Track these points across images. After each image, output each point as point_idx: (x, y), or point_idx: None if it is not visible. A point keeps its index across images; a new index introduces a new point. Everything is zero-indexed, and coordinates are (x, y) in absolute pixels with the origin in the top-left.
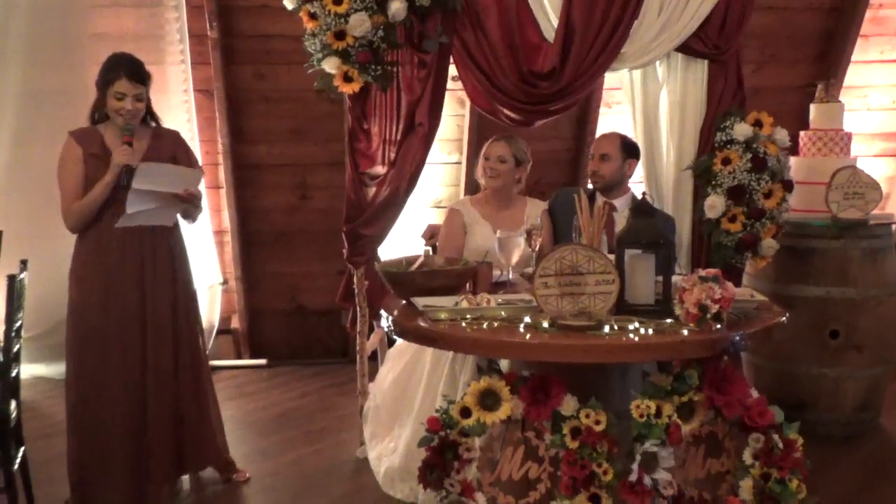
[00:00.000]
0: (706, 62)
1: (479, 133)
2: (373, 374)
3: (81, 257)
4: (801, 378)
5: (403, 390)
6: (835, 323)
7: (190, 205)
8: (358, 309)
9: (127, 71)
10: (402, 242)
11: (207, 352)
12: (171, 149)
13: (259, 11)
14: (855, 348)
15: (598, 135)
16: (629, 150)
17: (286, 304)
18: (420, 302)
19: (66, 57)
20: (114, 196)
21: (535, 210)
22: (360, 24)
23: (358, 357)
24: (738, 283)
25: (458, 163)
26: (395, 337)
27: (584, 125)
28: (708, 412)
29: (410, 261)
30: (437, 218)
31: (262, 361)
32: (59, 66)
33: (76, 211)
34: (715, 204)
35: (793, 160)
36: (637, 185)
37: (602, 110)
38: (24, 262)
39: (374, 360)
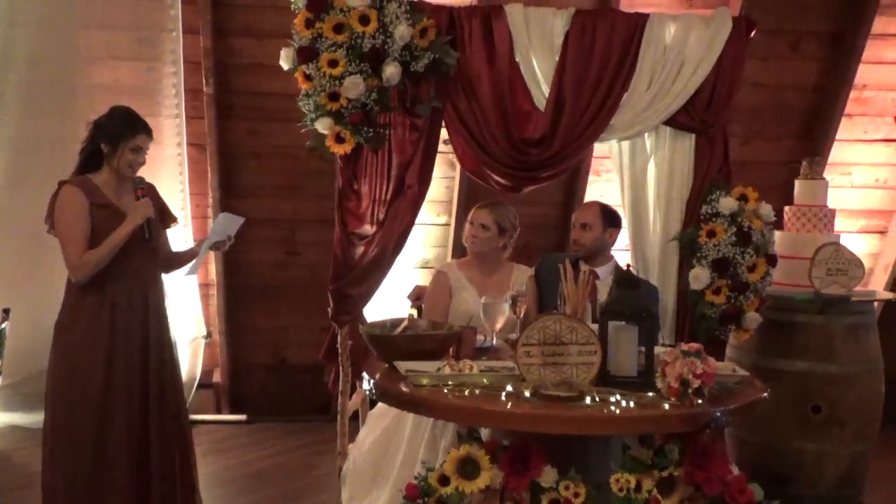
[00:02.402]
0: (693, 136)
1: (469, 196)
2: (354, 434)
3: (88, 310)
4: (784, 452)
5: (383, 453)
6: (817, 398)
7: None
8: (341, 368)
9: (145, 126)
10: (388, 302)
11: (188, 405)
12: (158, 200)
13: (255, 69)
14: (837, 424)
15: (585, 201)
16: (610, 219)
17: (269, 358)
18: (403, 366)
19: (63, 107)
20: (124, 246)
21: (521, 276)
22: (354, 87)
23: (339, 417)
24: (721, 355)
25: (447, 224)
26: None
27: (573, 191)
28: (688, 488)
29: (395, 323)
30: (424, 279)
31: (242, 417)
32: (55, 115)
33: (92, 262)
34: (699, 275)
35: (777, 234)
36: (621, 252)
37: (591, 178)
38: (6, 311)
39: (356, 419)
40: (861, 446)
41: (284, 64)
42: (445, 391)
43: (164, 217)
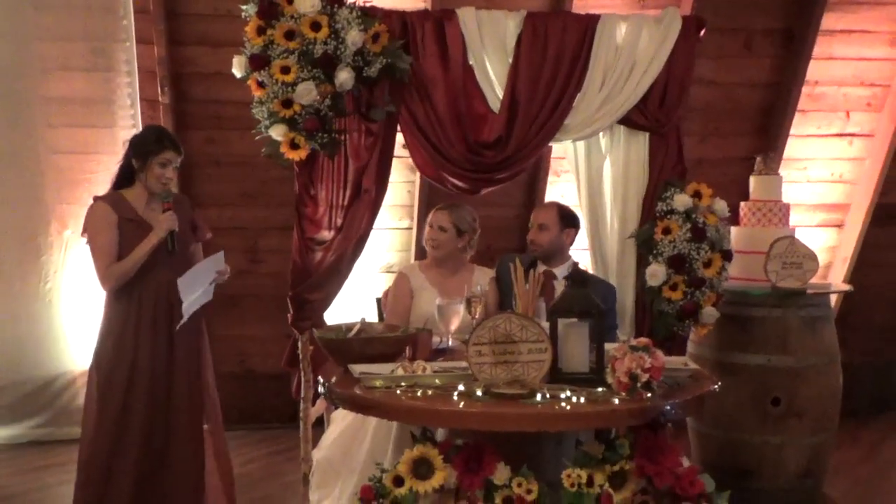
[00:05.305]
0: (647, 134)
1: (430, 199)
2: (318, 440)
3: (116, 317)
4: (744, 446)
5: (347, 448)
6: (776, 391)
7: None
8: (302, 374)
9: (173, 142)
10: (350, 307)
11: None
12: (188, 213)
13: (212, 78)
14: (796, 416)
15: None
16: (567, 219)
17: (235, 367)
18: (356, 369)
19: (16, 118)
20: (151, 257)
21: (482, 278)
22: (306, 94)
23: (301, 423)
24: (682, 351)
25: (409, 228)
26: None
27: (533, 193)
28: (640, 481)
29: (350, 327)
30: (388, 283)
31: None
32: (8, 127)
33: (118, 272)
34: (656, 272)
35: (733, 230)
36: (581, 252)
37: (550, 178)
38: None
39: (321, 425)
40: (820, 438)
41: (237, 71)
42: (398, 392)
43: (196, 230)
